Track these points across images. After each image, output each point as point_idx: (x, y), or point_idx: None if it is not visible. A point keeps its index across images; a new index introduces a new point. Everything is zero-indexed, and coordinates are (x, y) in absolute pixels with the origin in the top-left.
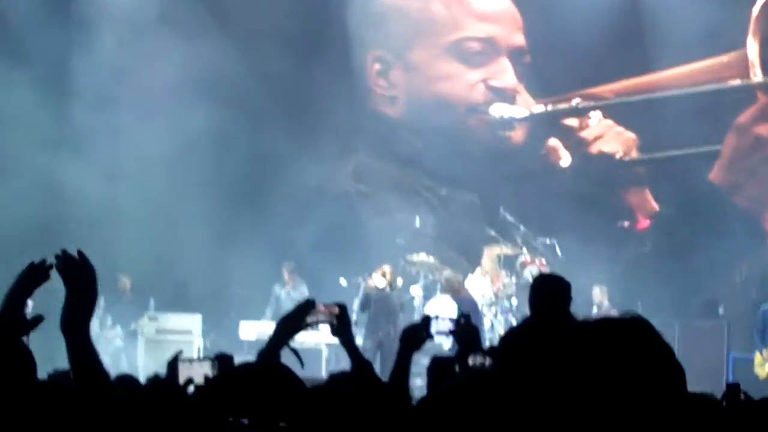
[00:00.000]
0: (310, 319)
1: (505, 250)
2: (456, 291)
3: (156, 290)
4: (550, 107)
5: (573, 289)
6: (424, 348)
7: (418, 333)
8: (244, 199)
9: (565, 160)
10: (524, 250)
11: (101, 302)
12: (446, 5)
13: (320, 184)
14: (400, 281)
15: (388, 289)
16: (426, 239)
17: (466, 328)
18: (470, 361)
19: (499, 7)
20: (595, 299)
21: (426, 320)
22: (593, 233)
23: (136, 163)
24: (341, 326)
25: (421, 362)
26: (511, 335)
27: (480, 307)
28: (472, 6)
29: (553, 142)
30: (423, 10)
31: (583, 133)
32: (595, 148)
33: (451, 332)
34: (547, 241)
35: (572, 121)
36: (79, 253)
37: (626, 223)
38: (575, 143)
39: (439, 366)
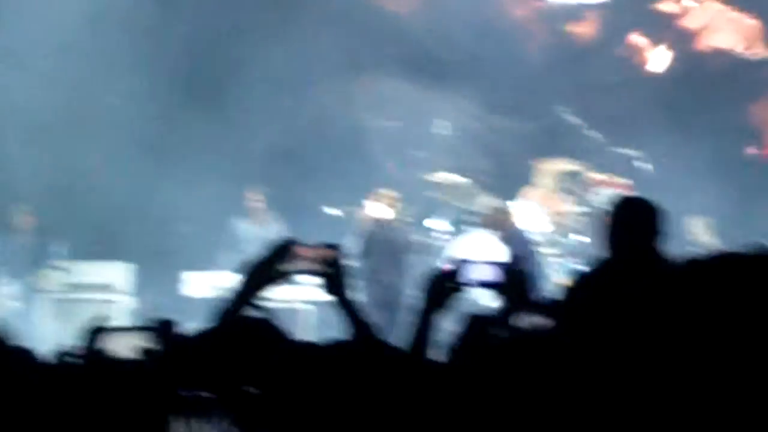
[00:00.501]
0: (289, 267)
1: (567, 165)
2: (501, 225)
3: (67, 229)
4: None
5: (667, 220)
6: (454, 305)
7: (445, 283)
8: (192, 96)
9: (656, 62)
10: (594, 166)
11: None
12: None
13: (300, 68)
14: (412, 213)
15: (395, 225)
16: (454, 152)
17: (514, 277)
18: (520, 322)
19: None
20: (696, 236)
21: (456, 265)
22: (697, 157)
23: (34, 45)
24: (335, 278)
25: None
26: (582, 284)
27: (534, 248)
28: None
29: (636, 38)
30: None
31: (684, 22)
32: (702, 43)
33: (492, 283)
34: (631, 153)
35: (667, 5)
36: None
37: (749, 149)
38: (672, 37)
39: (478, 328)
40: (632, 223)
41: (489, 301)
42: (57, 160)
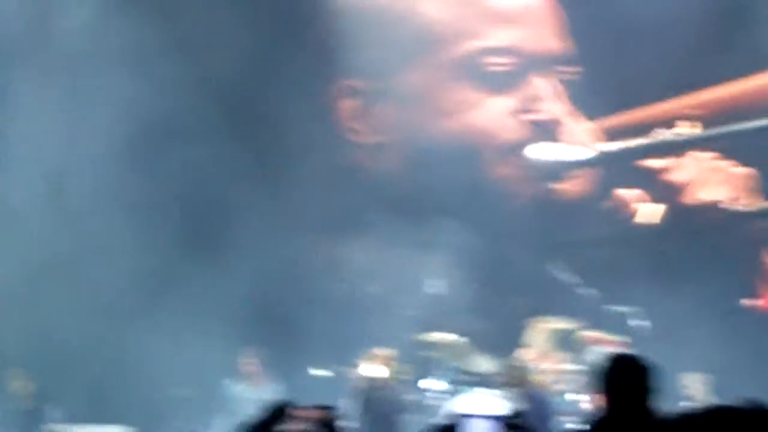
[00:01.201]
0: (285, 428)
1: (560, 323)
2: (520, 384)
3: (62, 394)
4: (617, 147)
5: (662, 377)
6: None
7: None
8: (184, 258)
9: (644, 215)
10: (585, 323)
11: None
12: (448, 4)
13: (288, 228)
14: (402, 370)
15: (390, 384)
16: (447, 311)
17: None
18: None
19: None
20: (692, 392)
21: (455, 420)
22: (692, 311)
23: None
24: None
25: None
26: None
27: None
28: (485, 2)
29: (623, 192)
30: (414, 14)
31: (670, 176)
32: (688, 196)
33: None
34: (624, 309)
35: (653, 162)
36: None
37: (743, 301)
38: (660, 190)
39: None
40: (623, 382)
41: None
42: (51, 322)
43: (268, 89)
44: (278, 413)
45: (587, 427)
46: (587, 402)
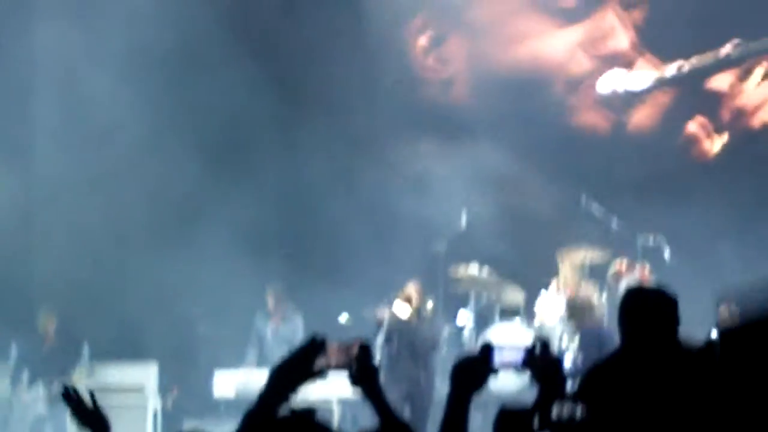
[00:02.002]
0: (318, 363)
1: (592, 254)
2: (585, 318)
3: (91, 332)
4: (686, 67)
5: (693, 310)
6: (483, 397)
7: (477, 367)
8: (208, 197)
9: (713, 148)
10: (617, 252)
11: (12, 352)
12: None
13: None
14: (430, 305)
15: (414, 320)
16: (477, 245)
17: (545, 362)
18: (555, 412)
19: None
20: (725, 322)
21: (487, 350)
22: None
23: (53, 154)
24: (364, 373)
25: (475, 417)
26: (597, 373)
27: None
28: None
29: (695, 127)
30: None
31: (740, 100)
32: (757, 120)
33: (524, 365)
34: (651, 241)
35: (721, 83)
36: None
37: None
38: (727, 117)
39: (509, 420)
40: (642, 314)
41: (516, 385)
42: (80, 262)
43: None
44: (313, 348)
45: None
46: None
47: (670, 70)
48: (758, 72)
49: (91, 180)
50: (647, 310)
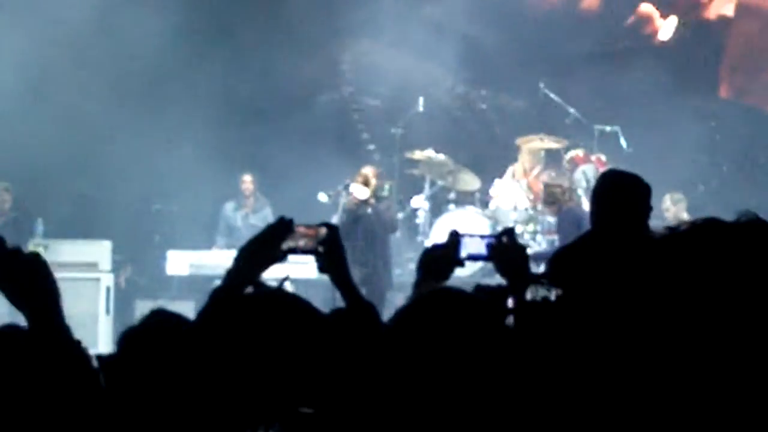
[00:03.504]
0: (285, 245)
1: (548, 142)
2: (559, 203)
3: (46, 209)
4: None
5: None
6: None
7: (445, 257)
8: (176, 75)
9: (664, 31)
10: (574, 142)
11: None
12: None
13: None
14: (388, 186)
15: (372, 202)
16: (433, 128)
17: (510, 249)
18: (529, 295)
19: None
20: (668, 213)
21: (455, 238)
22: (681, 126)
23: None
24: (331, 255)
25: None
26: (566, 255)
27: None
28: None
29: (647, 7)
30: None
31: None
32: (712, 11)
33: (487, 257)
34: (607, 129)
35: None
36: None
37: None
38: (682, 6)
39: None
40: (620, 198)
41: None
42: (34, 131)
43: None
44: (281, 229)
45: (578, 239)
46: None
47: None
48: None
49: (55, 54)
50: (623, 193)
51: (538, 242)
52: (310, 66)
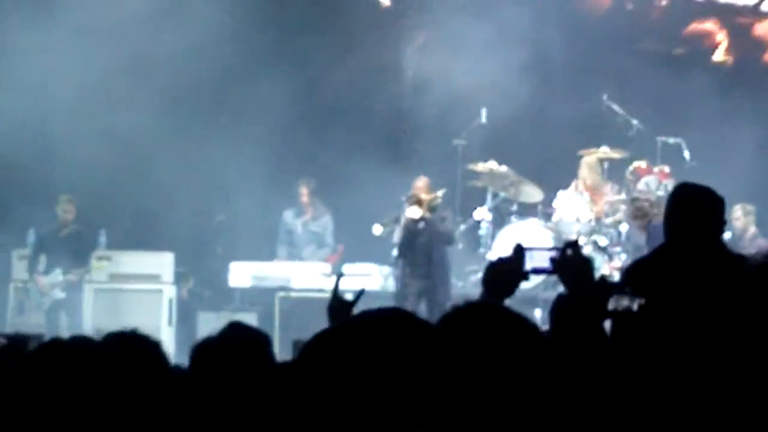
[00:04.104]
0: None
1: (611, 154)
2: (648, 217)
3: (110, 220)
4: None
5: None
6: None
7: (510, 271)
8: (234, 85)
9: (719, 51)
10: (637, 154)
11: (31, 237)
12: None
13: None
14: (439, 196)
15: (427, 216)
16: (495, 140)
17: (575, 262)
18: (612, 304)
19: None
20: (737, 223)
21: (519, 252)
22: (745, 137)
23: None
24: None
25: None
26: (640, 267)
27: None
28: None
29: (708, 24)
30: None
31: (758, 30)
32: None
33: (552, 270)
34: (671, 141)
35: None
36: None
37: None
38: (741, 40)
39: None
40: (694, 211)
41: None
42: (99, 147)
43: None
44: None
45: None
46: (635, 231)
47: None
48: None
49: (114, 68)
50: (697, 206)
51: (602, 254)
52: (368, 75)
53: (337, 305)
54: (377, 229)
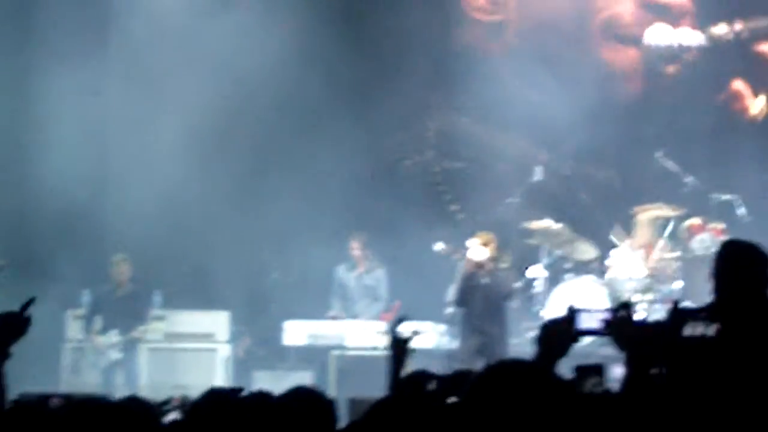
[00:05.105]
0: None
1: (665, 211)
2: None
3: (164, 279)
4: (738, 27)
5: None
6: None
7: (563, 331)
8: (287, 143)
9: (756, 107)
10: (692, 211)
11: (86, 298)
12: None
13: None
14: (507, 259)
15: (490, 267)
16: (550, 199)
17: (627, 323)
18: (688, 330)
19: None
20: None
21: (572, 313)
22: None
23: (124, 101)
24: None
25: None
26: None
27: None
28: None
29: (739, 84)
30: None
31: None
32: None
33: (605, 331)
34: (725, 198)
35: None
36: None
37: None
38: None
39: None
40: (740, 267)
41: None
42: (154, 210)
43: None
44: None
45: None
46: (689, 289)
47: (720, 29)
48: None
49: (169, 124)
50: (742, 262)
51: (656, 311)
52: (425, 135)
53: (396, 342)
54: (439, 246)
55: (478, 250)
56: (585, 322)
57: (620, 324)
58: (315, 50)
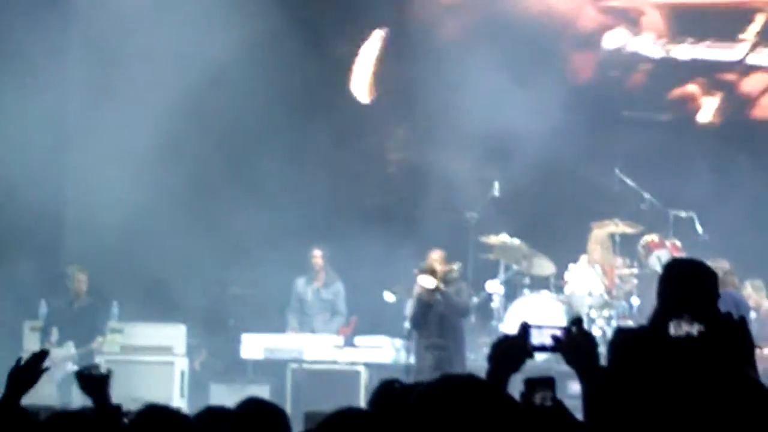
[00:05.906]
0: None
1: (622, 227)
2: (724, 283)
3: (121, 292)
4: (702, 47)
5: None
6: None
7: (516, 347)
8: (244, 156)
9: (706, 112)
10: (649, 228)
11: (43, 309)
12: None
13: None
14: (456, 268)
15: (442, 288)
16: (507, 214)
17: (579, 339)
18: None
19: None
20: (750, 300)
21: (525, 329)
22: (759, 208)
23: (83, 109)
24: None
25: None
26: (626, 341)
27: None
28: None
29: (693, 88)
30: None
31: (745, 87)
32: (758, 110)
33: (554, 347)
34: (683, 215)
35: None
36: None
37: None
38: (728, 97)
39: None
40: (683, 286)
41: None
42: (111, 220)
43: None
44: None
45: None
46: (646, 305)
47: (681, 50)
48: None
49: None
50: (691, 283)
51: (612, 328)
52: (381, 146)
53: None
54: (389, 297)
55: (425, 279)
56: (537, 338)
57: (572, 339)
58: (275, 56)
